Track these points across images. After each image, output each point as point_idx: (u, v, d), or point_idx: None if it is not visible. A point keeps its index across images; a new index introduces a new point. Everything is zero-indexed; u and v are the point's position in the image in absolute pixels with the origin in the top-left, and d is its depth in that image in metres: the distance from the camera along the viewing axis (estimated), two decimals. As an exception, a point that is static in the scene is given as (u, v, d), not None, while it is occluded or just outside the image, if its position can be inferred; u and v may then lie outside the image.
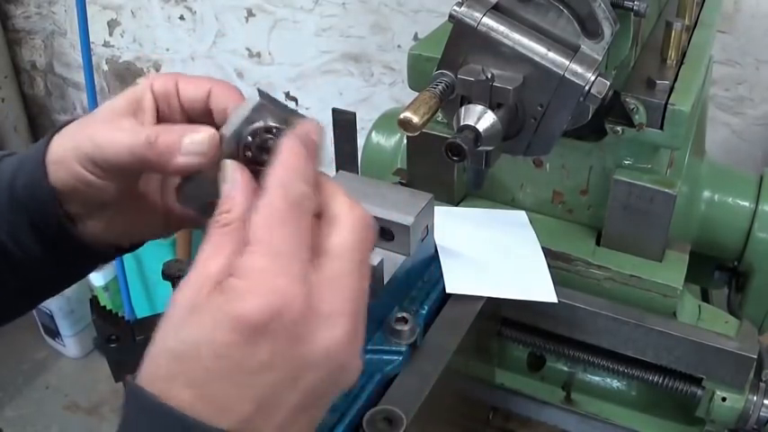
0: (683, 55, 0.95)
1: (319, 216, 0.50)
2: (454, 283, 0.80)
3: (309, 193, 0.48)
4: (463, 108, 0.74)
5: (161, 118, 0.60)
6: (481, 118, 0.73)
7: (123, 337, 0.68)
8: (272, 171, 0.48)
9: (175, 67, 2.68)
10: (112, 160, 0.57)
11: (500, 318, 0.92)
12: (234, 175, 0.50)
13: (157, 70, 2.73)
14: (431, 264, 0.82)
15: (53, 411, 2.60)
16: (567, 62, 0.72)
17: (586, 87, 0.72)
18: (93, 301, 0.69)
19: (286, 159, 0.49)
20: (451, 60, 0.76)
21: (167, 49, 2.67)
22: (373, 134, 1.23)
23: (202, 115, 0.60)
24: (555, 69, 0.72)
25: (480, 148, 0.75)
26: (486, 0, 0.74)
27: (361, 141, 1.13)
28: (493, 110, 0.73)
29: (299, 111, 0.56)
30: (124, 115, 0.59)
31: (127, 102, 0.60)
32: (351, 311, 0.47)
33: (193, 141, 0.54)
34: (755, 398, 0.85)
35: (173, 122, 0.60)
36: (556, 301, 0.83)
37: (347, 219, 0.49)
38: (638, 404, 0.97)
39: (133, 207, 0.65)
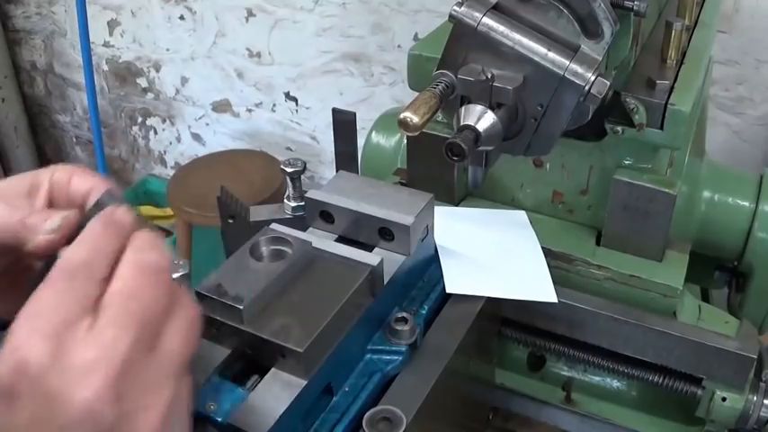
0: (683, 55, 0.95)
1: None
2: (454, 283, 0.80)
3: (89, 259, 0.47)
4: (463, 108, 0.74)
5: (52, 205, 0.63)
6: (481, 118, 0.73)
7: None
8: None
9: (176, 66, 2.68)
10: None
11: (500, 318, 0.92)
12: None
13: (157, 70, 2.74)
14: (431, 264, 0.82)
15: (53, 411, 2.59)
16: (567, 62, 0.72)
17: (586, 87, 0.72)
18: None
19: (79, 236, 0.50)
20: (451, 60, 0.76)
21: (167, 49, 2.67)
22: (373, 134, 1.23)
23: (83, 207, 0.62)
24: (555, 69, 0.72)
25: (480, 148, 0.75)
26: (487, 0, 0.74)
27: (361, 141, 1.13)
28: (493, 110, 0.73)
29: (300, 110, 0.57)
30: (20, 195, 0.61)
31: (27, 183, 0.63)
32: (112, 362, 0.43)
33: (52, 221, 0.57)
34: (755, 398, 0.85)
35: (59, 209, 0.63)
36: (556, 301, 0.83)
37: (122, 270, 0.47)
38: (638, 404, 0.97)
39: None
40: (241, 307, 0.62)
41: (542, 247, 0.90)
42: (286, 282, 0.67)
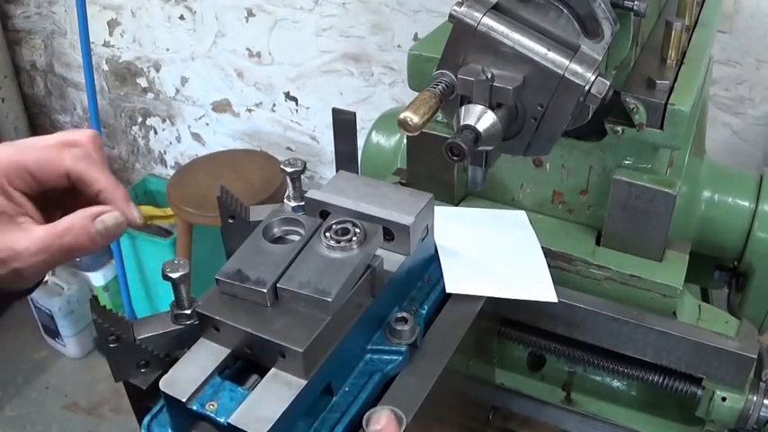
0: (683, 55, 0.95)
1: None
2: (454, 283, 0.80)
3: None
4: (463, 108, 0.74)
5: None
6: (481, 118, 0.73)
7: (123, 337, 0.68)
8: None
9: (176, 66, 2.68)
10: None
11: (500, 318, 0.92)
12: None
13: (157, 70, 2.73)
14: (431, 264, 0.82)
15: (53, 411, 2.60)
16: (567, 62, 0.72)
17: (586, 87, 0.72)
18: (93, 301, 0.69)
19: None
20: (451, 60, 0.76)
21: (167, 49, 2.67)
22: (373, 134, 1.23)
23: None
24: (555, 69, 0.72)
25: (480, 148, 0.75)
26: (486, 0, 0.74)
27: (361, 141, 1.13)
28: (493, 110, 0.73)
29: (300, 110, 0.57)
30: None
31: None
32: None
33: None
34: (755, 398, 0.85)
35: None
36: (556, 300, 0.83)
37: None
38: (638, 404, 0.97)
39: None
40: (265, 290, 0.63)
41: (542, 247, 0.90)
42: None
